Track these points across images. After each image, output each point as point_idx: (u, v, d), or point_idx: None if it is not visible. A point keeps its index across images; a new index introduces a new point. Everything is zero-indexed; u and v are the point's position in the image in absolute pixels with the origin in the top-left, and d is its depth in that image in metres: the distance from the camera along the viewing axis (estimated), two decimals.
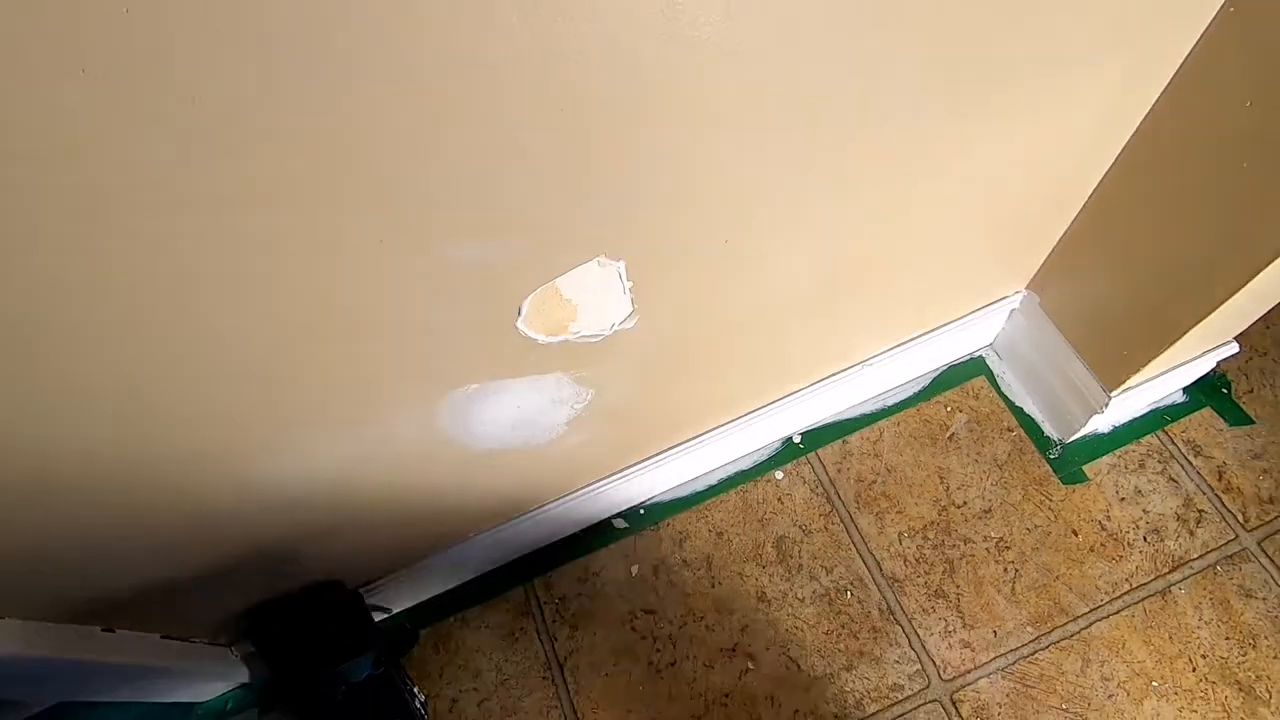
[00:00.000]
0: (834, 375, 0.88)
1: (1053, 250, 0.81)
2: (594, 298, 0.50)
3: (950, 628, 0.83)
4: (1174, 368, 0.84)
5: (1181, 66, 0.57)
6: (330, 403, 0.48)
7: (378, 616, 0.85)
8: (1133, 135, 0.65)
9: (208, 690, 0.82)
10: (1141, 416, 0.93)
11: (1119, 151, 0.67)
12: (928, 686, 0.81)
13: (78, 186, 0.27)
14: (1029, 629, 0.82)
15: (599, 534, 0.92)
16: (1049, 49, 0.50)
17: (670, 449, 0.86)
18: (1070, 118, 0.59)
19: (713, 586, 0.87)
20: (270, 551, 0.65)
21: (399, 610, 0.89)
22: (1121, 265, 0.73)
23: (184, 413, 0.42)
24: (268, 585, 0.72)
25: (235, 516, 0.58)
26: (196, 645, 0.75)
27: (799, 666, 0.83)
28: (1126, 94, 0.59)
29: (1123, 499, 0.88)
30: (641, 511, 0.93)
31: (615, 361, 0.59)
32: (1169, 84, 0.59)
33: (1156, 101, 0.61)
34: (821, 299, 0.68)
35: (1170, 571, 0.84)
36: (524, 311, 0.47)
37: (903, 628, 0.83)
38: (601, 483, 0.85)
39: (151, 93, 0.25)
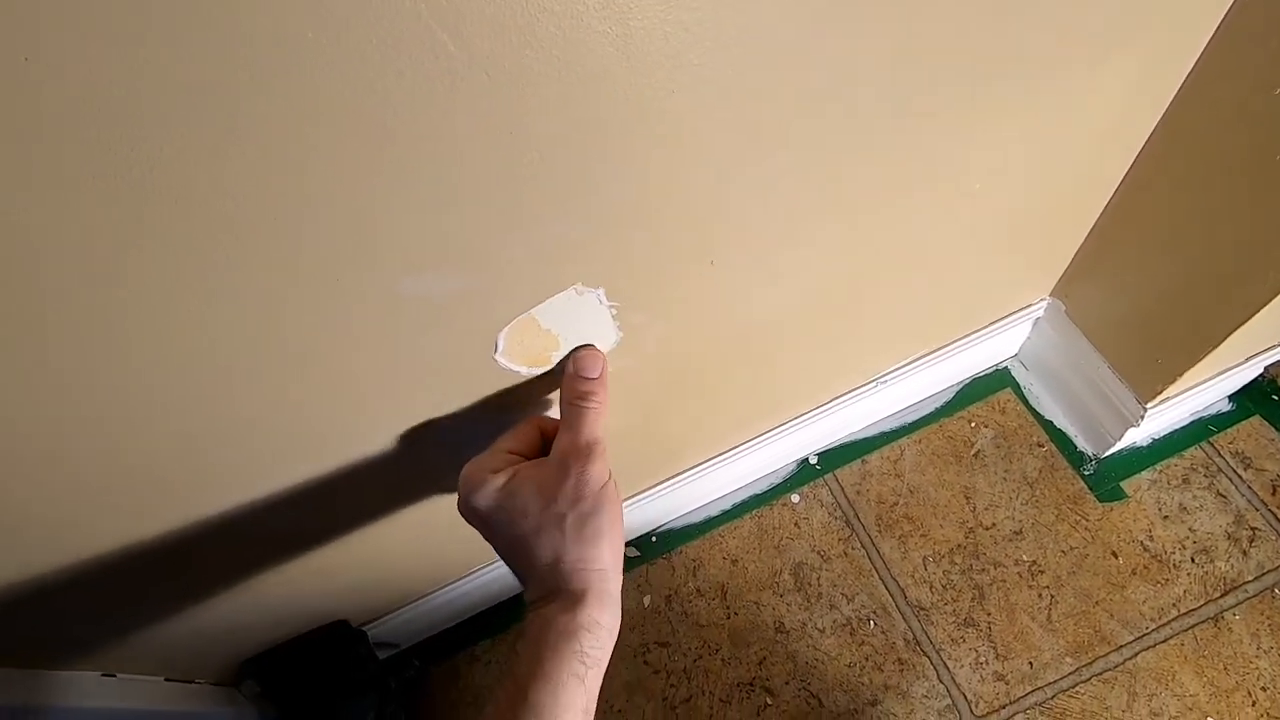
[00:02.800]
0: (849, 393, 0.84)
1: (1076, 255, 0.77)
2: (575, 326, 0.48)
3: (982, 659, 0.78)
4: (1217, 375, 0.78)
5: (1203, 54, 0.54)
6: (309, 449, 0.47)
7: (385, 653, 0.84)
8: (1154, 129, 0.61)
9: None
10: (1184, 427, 0.87)
11: (1140, 148, 0.63)
12: None
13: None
14: (1068, 660, 0.77)
15: None
16: (1059, 43, 0.46)
17: (680, 474, 0.83)
18: (1084, 115, 0.55)
19: (728, 617, 0.84)
20: (273, 597, 0.64)
21: (408, 646, 0.87)
22: (1149, 268, 0.69)
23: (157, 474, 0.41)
24: (272, 626, 0.71)
25: (238, 571, 0.57)
26: (202, 687, 0.74)
27: (820, 701, 0.78)
28: (1144, 86, 0.55)
29: (1166, 517, 0.82)
30: (653, 539, 0.90)
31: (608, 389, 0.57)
32: (1191, 72, 0.55)
33: (1178, 92, 0.57)
34: (825, 316, 0.65)
35: (1222, 595, 0.78)
36: (500, 345, 0.45)
37: (930, 659, 0.79)
38: None
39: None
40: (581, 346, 0.49)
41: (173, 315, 0.32)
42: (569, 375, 0.47)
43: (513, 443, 0.45)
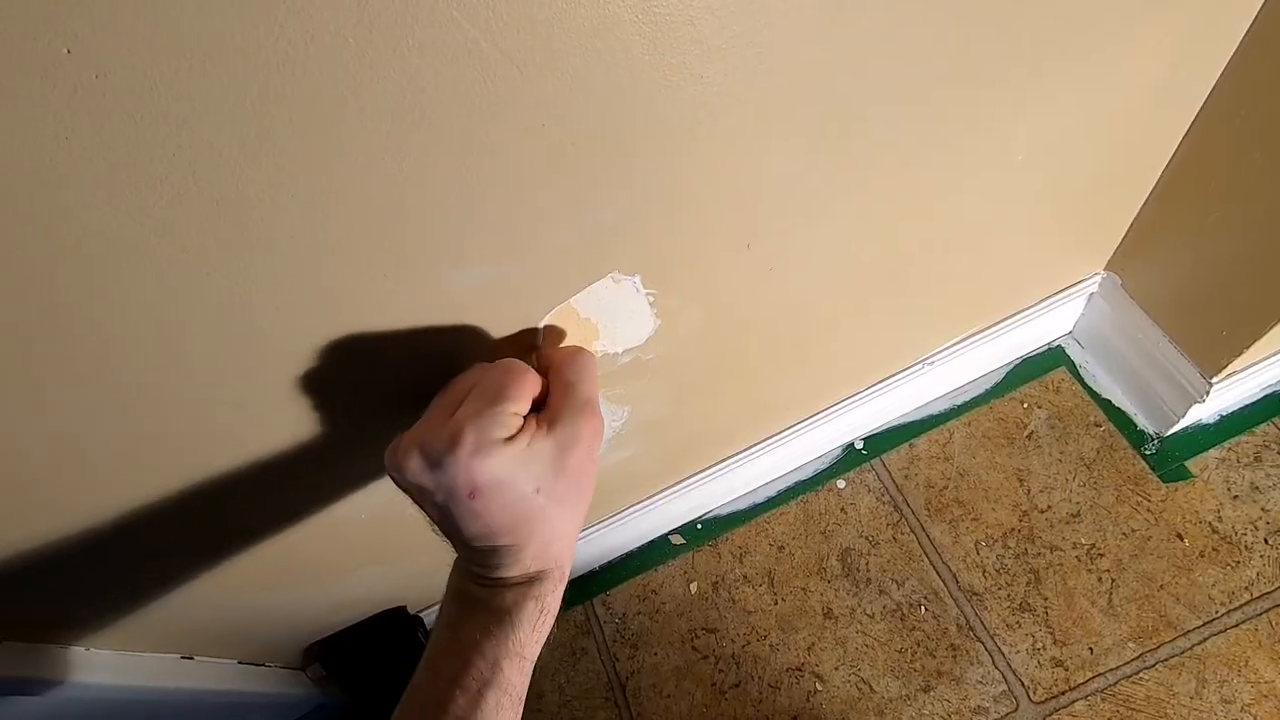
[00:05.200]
0: (895, 376, 0.83)
1: (1131, 225, 0.74)
2: (614, 314, 0.49)
3: (1039, 644, 0.76)
4: None
5: (1263, 7, 0.51)
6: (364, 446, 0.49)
7: None
8: (1214, 87, 0.58)
9: (287, 713, 0.86)
10: (1255, 402, 0.83)
11: (1198, 108, 0.60)
12: (1016, 710, 0.74)
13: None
14: (1131, 645, 0.74)
15: (656, 551, 0.90)
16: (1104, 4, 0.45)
17: (724, 460, 0.83)
18: (1129, 77, 0.53)
19: (775, 603, 0.84)
20: (336, 585, 0.67)
21: None
22: (1211, 236, 0.66)
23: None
24: (332, 611, 0.74)
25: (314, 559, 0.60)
26: (272, 670, 0.78)
27: (871, 688, 0.78)
28: (1196, 42, 0.53)
29: (1236, 497, 0.79)
30: (699, 526, 0.90)
31: (647, 377, 0.58)
32: (1253, 24, 0.52)
33: (1239, 46, 0.54)
34: (867, 297, 0.64)
35: None
36: (541, 336, 0.46)
37: (984, 645, 0.77)
38: (654, 498, 0.83)
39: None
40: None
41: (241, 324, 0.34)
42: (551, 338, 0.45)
43: (516, 403, 0.36)
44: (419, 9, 0.26)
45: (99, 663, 0.58)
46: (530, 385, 0.37)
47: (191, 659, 0.68)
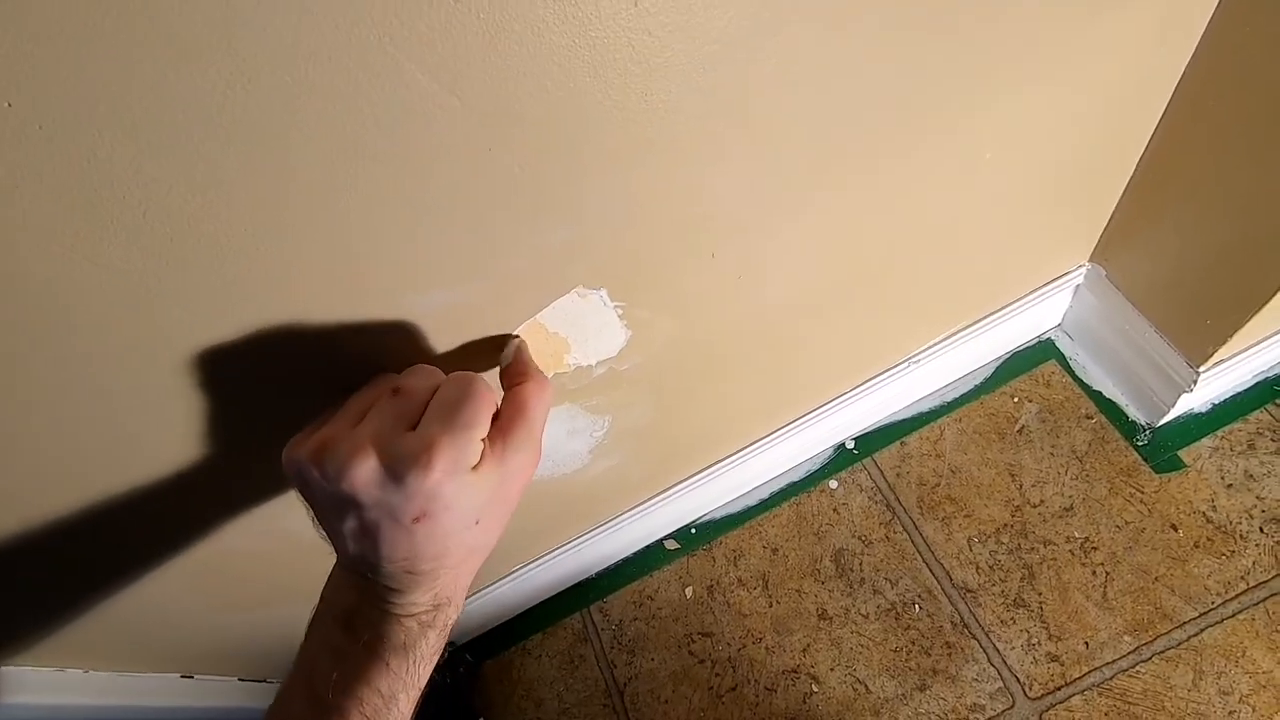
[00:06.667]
0: (883, 374, 0.83)
1: (1113, 216, 0.74)
2: (583, 328, 0.49)
3: (1034, 640, 0.76)
4: (1276, 333, 0.74)
5: None
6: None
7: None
8: (1182, 76, 0.58)
9: None
10: (1246, 390, 0.83)
11: (1169, 97, 0.60)
12: (1012, 706, 0.74)
13: None
14: (1126, 638, 0.74)
15: (651, 556, 0.90)
16: None
17: (714, 464, 0.83)
18: (1096, 69, 0.53)
19: (770, 605, 0.84)
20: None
21: (462, 644, 0.90)
22: (1190, 224, 0.65)
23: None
24: None
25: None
26: (274, 685, 0.79)
27: (867, 688, 0.78)
28: (1163, 31, 0.53)
29: (1230, 485, 0.78)
30: (692, 531, 0.91)
31: (625, 387, 0.58)
32: (1214, 13, 0.52)
33: (1203, 36, 0.54)
34: (844, 298, 0.65)
35: None
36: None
37: (979, 642, 0.77)
38: (646, 504, 0.83)
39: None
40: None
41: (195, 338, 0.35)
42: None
43: (484, 428, 0.34)
44: (353, 48, 0.27)
45: (96, 685, 0.59)
46: (491, 408, 0.34)
47: (191, 677, 0.69)
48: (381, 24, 0.27)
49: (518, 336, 0.45)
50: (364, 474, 0.31)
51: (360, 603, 0.35)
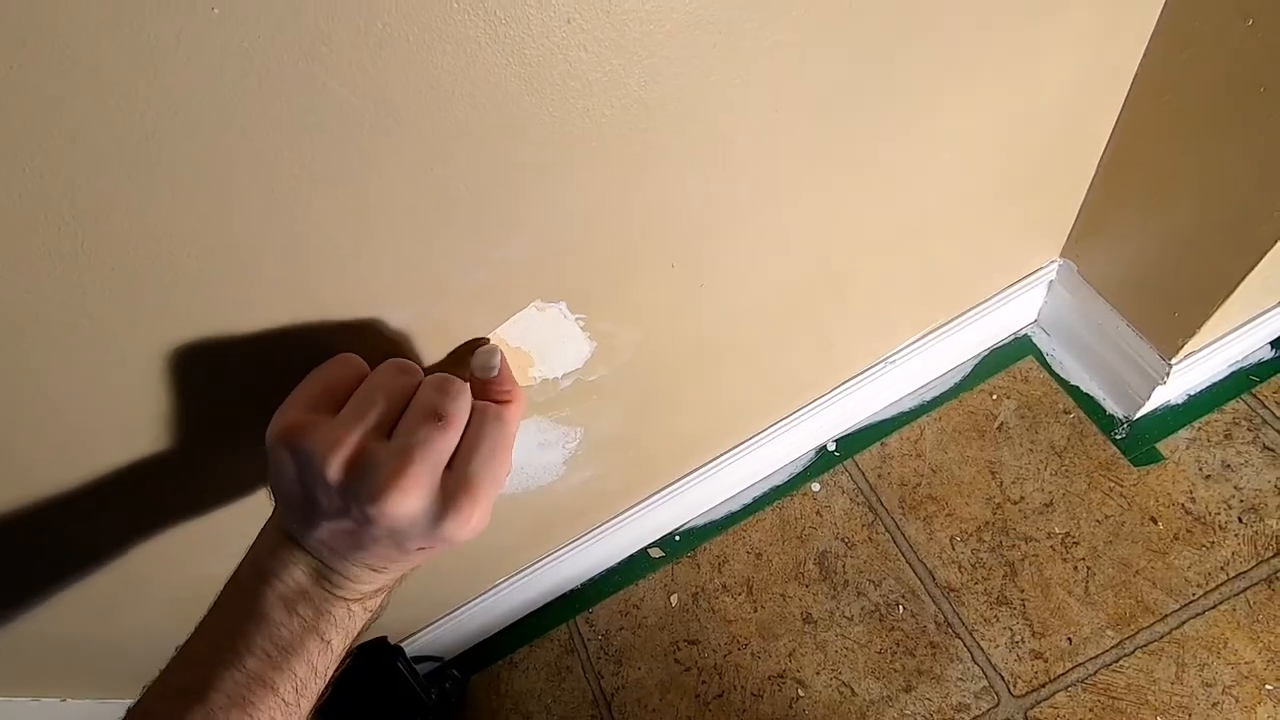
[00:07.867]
0: (860, 375, 0.83)
1: (1080, 212, 0.74)
2: (545, 341, 0.49)
3: (1018, 638, 0.76)
4: (1248, 322, 0.74)
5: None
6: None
7: (427, 667, 0.87)
8: (1135, 75, 0.58)
9: None
10: (1222, 380, 0.83)
11: (1124, 95, 0.60)
12: (997, 705, 0.74)
13: None
14: (1109, 633, 0.74)
15: (636, 565, 0.90)
16: None
17: (695, 471, 0.83)
18: (1047, 68, 0.53)
19: (755, 611, 0.84)
20: None
21: (448, 659, 0.90)
22: (1152, 218, 0.66)
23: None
24: None
25: None
26: None
27: (853, 690, 0.78)
28: (1112, 31, 0.53)
29: (1208, 476, 0.78)
30: (676, 538, 0.91)
31: (594, 398, 0.58)
32: (1163, 10, 0.53)
33: (1154, 32, 0.54)
34: (812, 301, 0.65)
35: (1275, 555, 0.74)
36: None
37: (963, 641, 0.77)
38: (628, 513, 0.83)
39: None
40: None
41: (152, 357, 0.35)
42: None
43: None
44: (284, 74, 0.27)
45: (74, 714, 0.59)
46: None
47: None
48: (309, 49, 0.27)
49: (498, 349, 0.44)
50: (408, 512, 0.30)
51: (310, 582, 0.34)
